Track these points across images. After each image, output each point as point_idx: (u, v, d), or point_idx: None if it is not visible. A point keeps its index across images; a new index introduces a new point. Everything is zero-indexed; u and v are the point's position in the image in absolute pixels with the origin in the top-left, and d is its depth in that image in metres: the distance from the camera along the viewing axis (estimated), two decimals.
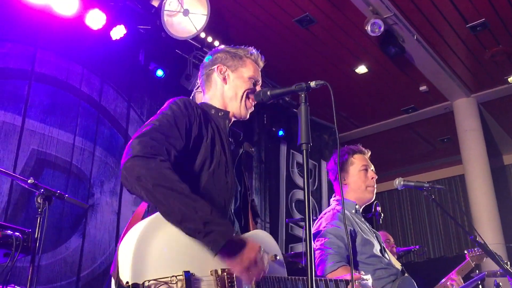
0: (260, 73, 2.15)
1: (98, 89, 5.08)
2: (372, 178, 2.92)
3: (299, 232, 6.83)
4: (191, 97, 2.19)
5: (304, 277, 1.85)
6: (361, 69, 6.64)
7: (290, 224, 6.74)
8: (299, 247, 6.66)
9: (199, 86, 2.20)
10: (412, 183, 2.92)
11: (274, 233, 6.46)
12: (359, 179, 2.89)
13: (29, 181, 2.32)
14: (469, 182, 7.20)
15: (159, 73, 5.43)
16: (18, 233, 2.20)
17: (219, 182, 1.84)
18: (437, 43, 6.13)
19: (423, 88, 7.04)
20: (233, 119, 2.08)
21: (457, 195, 9.17)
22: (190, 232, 1.57)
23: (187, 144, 1.79)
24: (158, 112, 1.84)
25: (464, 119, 7.32)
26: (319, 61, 6.43)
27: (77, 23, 4.65)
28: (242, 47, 2.18)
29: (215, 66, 2.11)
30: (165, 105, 1.87)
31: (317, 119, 7.42)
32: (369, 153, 3.03)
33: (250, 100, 2.06)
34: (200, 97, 2.18)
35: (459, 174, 8.91)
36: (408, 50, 6.07)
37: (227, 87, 2.08)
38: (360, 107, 7.66)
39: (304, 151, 1.68)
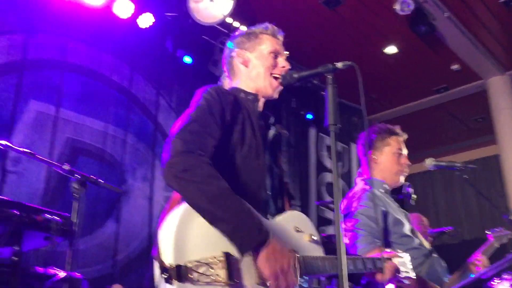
0: (281, 45, 2.12)
1: (128, 78, 5.17)
2: (405, 163, 2.87)
3: (330, 214, 6.83)
4: (221, 84, 2.21)
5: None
6: (391, 50, 6.52)
7: (321, 206, 6.74)
8: (330, 230, 6.66)
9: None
10: (444, 163, 2.86)
11: None
12: (392, 161, 2.85)
13: (64, 167, 2.39)
14: (505, 162, 7.03)
15: (187, 59, 5.48)
16: (57, 217, 2.29)
17: (251, 166, 1.86)
18: (469, 20, 5.96)
19: (455, 67, 6.87)
20: (262, 100, 2.08)
21: (492, 175, 8.94)
22: (221, 231, 1.59)
23: (222, 130, 1.82)
24: (192, 103, 1.86)
25: (499, 97, 7.12)
26: (347, 42, 6.34)
27: (105, 13, 4.73)
28: (257, 25, 2.16)
29: (234, 52, 2.12)
30: (197, 95, 1.90)
31: (346, 101, 7.33)
32: (406, 137, 2.97)
33: (275, 75, 2.04)
34: (227, 84, 2.20)
35: (494, 154, 8.68)
36: (439, 29, 5.91)
37: (250, 69, 2.08)
38: (390, 88, 7.54)
39: (332, 132, 1.67)
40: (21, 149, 2.41)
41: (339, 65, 1.75)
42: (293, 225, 1.85)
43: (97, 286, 4.04)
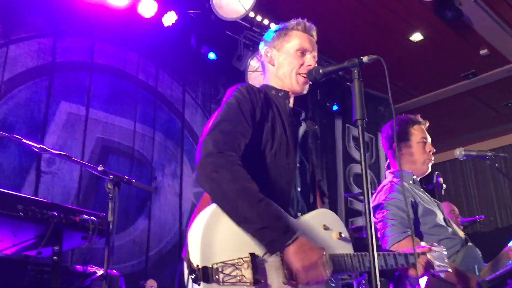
0: (310, 41, 2.09)
1: (154, 76, 5.24)
2: (430, 151, 2.85)
3: (359, 206, 6.80)
4: (246, 79, 2.22)
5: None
6: (416, 37, 6.41)
7: (349, 198, 6.72)
8: (359, 221, 6.64)
9: (256, 69, 2.22)
10: (474, 153, 2.82)
11: (333, 208, 6.45)
12: (418, 151, 2.83)
13: (99, 168, 2.45)
14: None
15: (211, 55, 5.52)
16: (93, 217, 2.37)
17: (281, 164, 1.86)
18: (497, 2, 5.80)
19: (483, 51, 6.71)
20: (292, 96, 2.08)
21: None
22: (248, 232, 1.61)
23: (252, 129, 1.83)
24: (223, 102, 1.88)
25: None
26: (372, 32, 6.26)
27: (130, 13, 4.80)
28: (290, 21, 2.14)
29: (263, 51, 2.14)
30: (228, 94, 1.91)
31: (372, 91, 7.26)
32: (427, 124, 2.95)
33: (302, 74, 2.03)
34: (253, 78, 2.21)
35: None
36: (466, 13, 5.78)
37: (276, 67, 2.08)
38: (416, 76, 7.42)
39: (360, 127, 1.67)
40: (57, 152, 2.48)
41: (365, 59, 1.74)
42: (321, 223, 1.85)
43: (131, 282, 4.14)
